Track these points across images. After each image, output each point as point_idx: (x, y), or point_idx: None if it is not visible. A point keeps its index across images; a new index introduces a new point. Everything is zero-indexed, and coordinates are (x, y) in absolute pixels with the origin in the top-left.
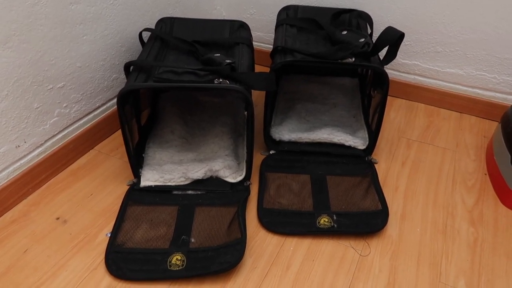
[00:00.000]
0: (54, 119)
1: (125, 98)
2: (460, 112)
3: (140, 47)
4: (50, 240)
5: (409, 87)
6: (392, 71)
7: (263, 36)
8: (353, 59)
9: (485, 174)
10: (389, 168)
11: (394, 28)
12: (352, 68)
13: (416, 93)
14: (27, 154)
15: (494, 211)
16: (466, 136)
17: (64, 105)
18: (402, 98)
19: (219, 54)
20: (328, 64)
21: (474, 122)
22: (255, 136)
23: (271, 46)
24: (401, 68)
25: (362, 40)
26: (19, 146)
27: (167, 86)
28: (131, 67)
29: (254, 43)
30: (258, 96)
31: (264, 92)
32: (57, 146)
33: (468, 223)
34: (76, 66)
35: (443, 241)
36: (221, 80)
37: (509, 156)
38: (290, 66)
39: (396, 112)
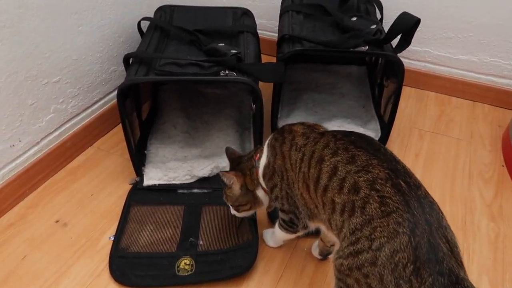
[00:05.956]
0: (50, 115)
1: (125, 93)
2: (473, 101)
3: (139, 37)
4: (49, 245)
5: (419, 75)
6: (401, 58)
7: (266, 24)
8: (367, 47)
9: (503, 166)
10: (402, 160)
11: (409, 14)
12: (364, 56)
13: (426, 81)
14: (23, 154)
15: None
16: (480, 125)
17: (60, 100)
18: (412, 87)
19: (223, 44)
20: (340, 53)
21: (488, 111)
22: None
23: (275, 34)
24: (411, 56)
25: (374, 26)
26: (13, 145)
27: (170, 80)
28: (131, 59)
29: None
30: (261, 87)
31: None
32: (54, 144)
33: (488, 218)
34: (72, 59)
35: (464, 239)
36: (227, 72)
37: None
38: (296, 55)
39: (406, 101)
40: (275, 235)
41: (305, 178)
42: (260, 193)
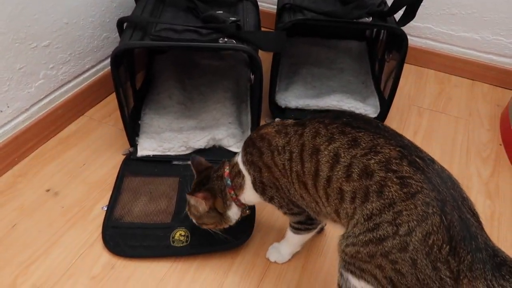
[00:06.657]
0: (40, 81)
1: (119, 58)
2: (472, 80)
3: (133, 3)
4: (40, 214)
5: (419, 52)
6: None
7: None
8: (370, 18)
9: (500, 145)
10: None
11: None
12: (368, 28)
13: (426, 58)
14: (11, 120)
15: (511, 183)
16: (479, 104)
17: (51, 66)
18: (411, 64)
19: (221, 12)
20: (343, 23)
21: (487, 90)
22: None
23: (273, 6)
24: (411, 32)
25: None
26: (1, 111)
27: (167, 45)
28: (125, 24)
29: None
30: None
31: (266, 54)
32: (44, 111)
33: (484, 196)
34: (62, 22)
35: None
36: (226, 39)
37: None
38: (295, 27)
39: (405, 78)
40: (290, 243)
41: (299, 177)
42: (231, 212)
